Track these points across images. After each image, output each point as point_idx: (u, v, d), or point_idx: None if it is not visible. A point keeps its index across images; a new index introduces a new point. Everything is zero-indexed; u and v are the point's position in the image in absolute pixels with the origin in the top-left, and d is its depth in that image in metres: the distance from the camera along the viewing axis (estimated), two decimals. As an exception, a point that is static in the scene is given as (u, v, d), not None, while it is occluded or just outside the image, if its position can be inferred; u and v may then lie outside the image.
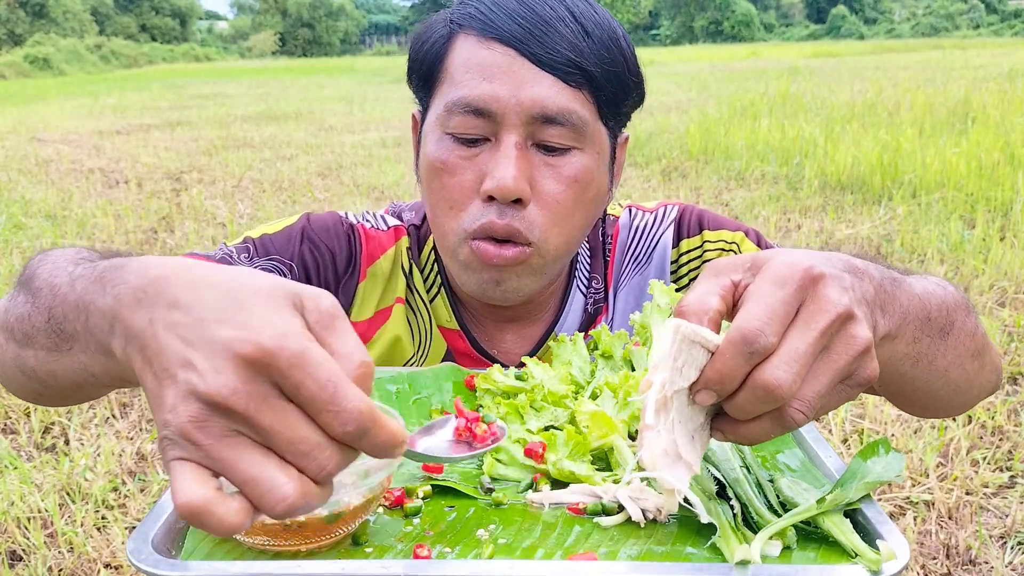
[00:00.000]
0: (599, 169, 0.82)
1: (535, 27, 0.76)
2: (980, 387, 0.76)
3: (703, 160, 6.70)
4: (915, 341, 0.60)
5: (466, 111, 0.77)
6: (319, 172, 6.90)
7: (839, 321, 0.49)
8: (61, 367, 0.58)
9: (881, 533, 0.55)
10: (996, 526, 2.01)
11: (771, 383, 0.47)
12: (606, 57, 0.79)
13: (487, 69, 0.77)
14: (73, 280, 0.55)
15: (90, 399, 0.68)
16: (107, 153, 8.15)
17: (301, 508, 0.43)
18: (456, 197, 0.80)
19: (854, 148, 6.10)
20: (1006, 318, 3.16)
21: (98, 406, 2.71)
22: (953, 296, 0.68)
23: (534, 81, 0.76)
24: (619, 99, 0.82)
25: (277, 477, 0.42)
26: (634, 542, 0.57)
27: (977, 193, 4.93)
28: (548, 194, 0.79)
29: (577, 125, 0.78)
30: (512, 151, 0.77)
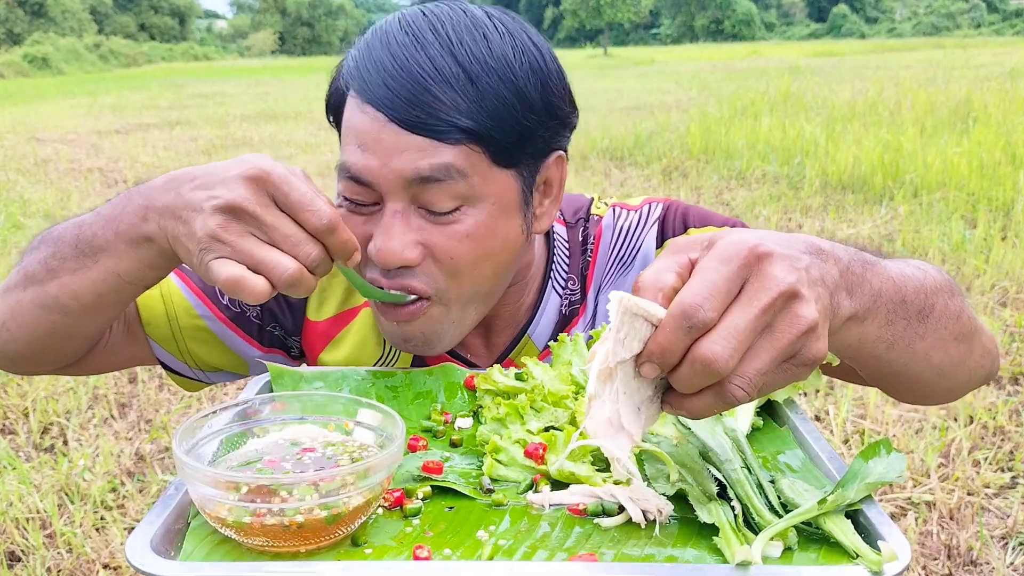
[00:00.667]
0: (499, 219, 0.78)
1: (403, 89, 0.73)
2: (969, 372, 0.75)
3: (704, 159, 6.70)
4: (889, 323, 0.60)
5: (348, 178, 0.77)
6: (318, 172, 6.90)
7: (782, 299, 0.49)
8: (87, 281, 0.74)
9: (882, 534, 0.55)
10: (997, 527, 2.01)
11: (708, 357, 0.48)
12: (495, 106, 0.74)
13: (361, 136, 0.75)
14: (97, 212, 0.74)
15: (106, 316, 0.79)
16: (106, 152, 8.15)
17: (299, 281, 0.64)
18: (358, 259, 0.78)
19: (855, 148, 6.10)
20: (1007, 318, 3.16)
21: (97, 406, 2.71)
22: (934, 279, 0.67)
23: (404, 146, 0.74)
24: (518, 144, 0.77)
25: (282, 258, 0.64)
26: (634, 543, 0.57)
27: (978, 193, 4.93)
28: (442, 251, 0.77)
29: (458, 180, 0.74)
30: (392, 220, 0.75)
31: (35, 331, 0.80)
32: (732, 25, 55.52)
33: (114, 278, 0.72)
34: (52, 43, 30.08)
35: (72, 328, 0.79)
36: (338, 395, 0.68)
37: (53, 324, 0.78)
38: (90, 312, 0.77)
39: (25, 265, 0.79)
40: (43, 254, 0.77)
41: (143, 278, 0.73)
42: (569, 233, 0.94)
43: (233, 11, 70.46)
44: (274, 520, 0.54)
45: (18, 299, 0.79)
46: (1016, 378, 2.75)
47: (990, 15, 50.11)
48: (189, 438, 0.61)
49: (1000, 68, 13.18)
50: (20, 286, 0.79)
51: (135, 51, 36.70)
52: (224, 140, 8.83)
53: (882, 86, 10.52)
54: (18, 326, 0.80)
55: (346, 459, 0.62)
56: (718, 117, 8.16)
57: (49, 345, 0.82)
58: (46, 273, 0.76)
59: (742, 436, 0.65)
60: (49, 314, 0.77)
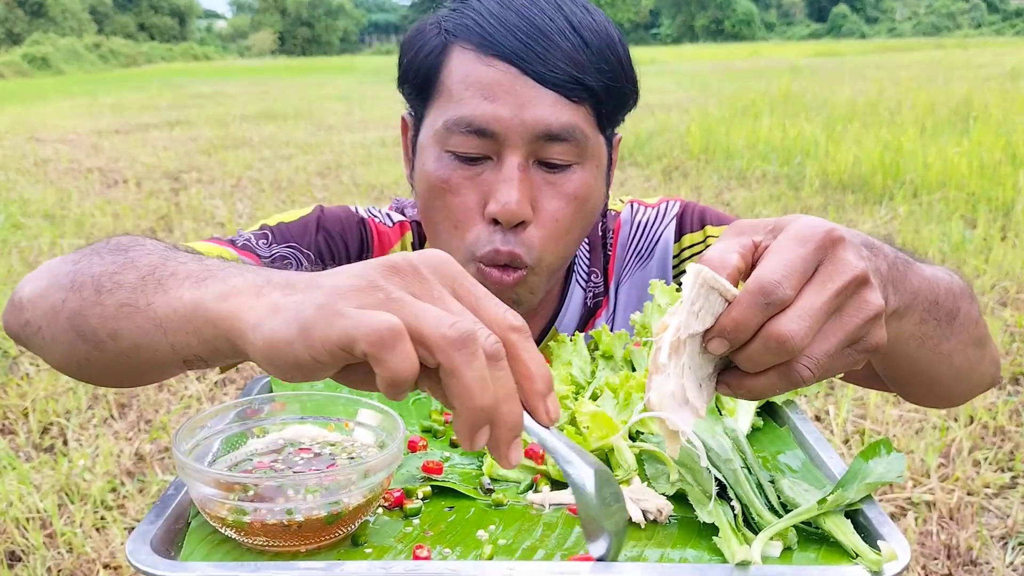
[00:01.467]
0: (598, 181, 0.82)
1: (536, 43, 0.75)
2: (980, 377, 0.76)
3: (704, 159, 6.70)
4: (922, 322, 0.62)
5: (468, 131, 0.76)
6: (318, 171, 6.90)
7: (855, 284, 0.50)
8: (131, 324, 0.56)
9: (882, 534, 0.55)
10: (997, 527, 2.01)
11: (784, 334, 0.48)
12: (605, 69, 0.78)
13: (488, 88, 0.75)
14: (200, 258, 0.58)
15: (138, 375, 0.63)
16: (105, 152, 8.15)
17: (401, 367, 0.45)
18: (460, 217, 0.79)
19: (855, 147, 6.09)
20: (1008, 318, 3.16)
21: (97, 407, 2.71)
22: (959, 284, 0.69)
23: (537, 99, 0.75)
24: (618, 108, 0.81)
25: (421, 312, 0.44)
26: (635, 543, 0.57)
27: (978, 193, 4.93)
28: (548, 212, 0.79)
29: (579, 140, 0.78)
30: (515, 173, 0.76)
31: (68, 356, 0.65)
32: (732, 25, 55.54)
33: (159, 332, 0.55)
34: (52, 43, 30.07)
35: (107, 367, 0.63)
36: (338, 395, 0.68)
37: (84, 357, 0.63)
38: (124, 359, 0.60)
39: (82, 264, 0.63)
40: (107, 264, 0.61)
41: (187, 345, 0.53)
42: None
43: (233, 11, 70.50)
44: (274, 520, 0.54)
45: (55, 308, 0.63)
46: (1016, 378, 2.75)
47: (990, 15, 50.12)
48: (189, 438, 0.61)
49: (1000, 68, 13.18)
50: (64, 290, 0.63)
51: (135, 51, 36.69)
52: (224, 140, 8.83)
53: (882, 86, 10.52)
54: (52, 339, 0.64)
55: (345, 459, 0.62)
56: (718, 117, 8.16)
57: (83, 374, 0.67)
58: (94, 291, 0.60)
59: (742, 436, 0.65)
60: (83, 344, 0.62)
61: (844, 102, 8.94)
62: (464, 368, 0.43)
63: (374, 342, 0.42)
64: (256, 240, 0.87)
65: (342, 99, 13.67)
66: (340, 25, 59.31)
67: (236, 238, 0.87)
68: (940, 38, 39.01)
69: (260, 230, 0.89)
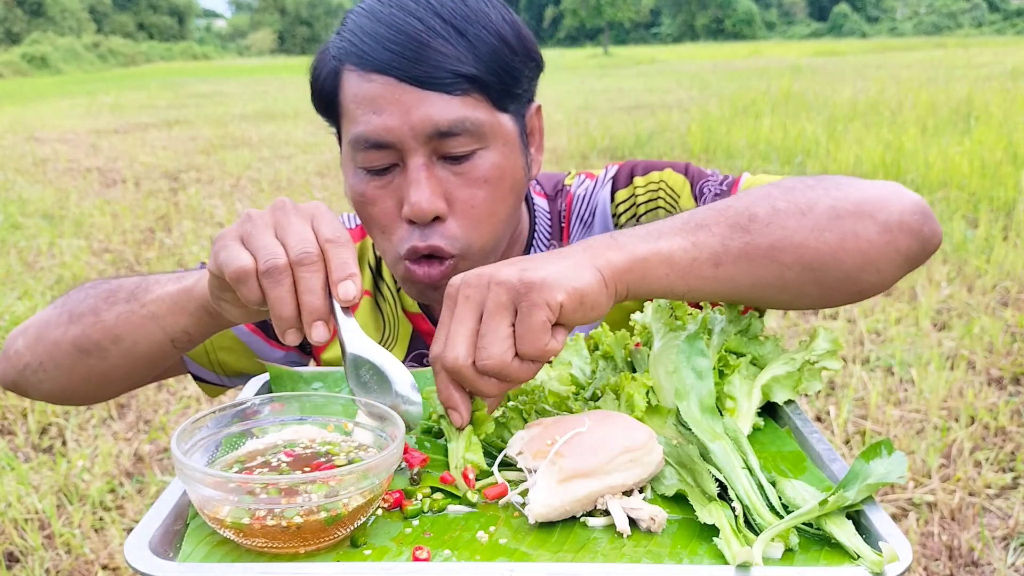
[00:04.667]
0: (510, 157, 0.84)
1: (407, 50, 0.77)
2: (863, 254, 0.72)
3: (704, 159, 6.70)
4: (693, 247, 0.68)
5: (367, 147, 0.80)
6: (317, 171, 6.90)
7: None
8: (129, 326, 0.77)
9: (883, 535, 0.54)
10: (999, 527, 2.01)
11: None
12: (486, 52, 0.80)
13: (374, 102, 0.79)
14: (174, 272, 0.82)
15: (131, 371, 0.82)
16: (104, 152, 8.15)
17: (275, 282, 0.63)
18: (383, 223, 0.83)
19: (856, 147, 6.10)
20: (1009, 318, 3.16)
21: (95, 407, 2.70)
22: (762, 191, 0.73)
23: (419, 102, 0.78)
24: (511, 85, 0.83)
25: (276, 253, 0.64)
26: (635, 544, 0.56)
27: (980, 192, 4.93)
28: (463, 201, 0.81)
29: (473, 130, 0.80)
30: (420, 173, 0.79)
31: (71, 375, 0.82)
32: (733, 24, 55.52)
33: (157, 328, 0.75)
34: (51, 42, 30.07)
35: (106, 375, 0.82)
36: (337, 395, 0.68)
37: (89, 368, 0.81)
38: (125, 360, 0.80)
39: (71, 306, 0.82)
40: (93, 298, 0.80)
41: (182, 336, 0.77)
42: (550, 206, 0.99)
43: (232, 10, 70.48)
44: (273, 521, 0.53)
45: (54, 341, 0.81)
46: (1017, 378, 2.75)
47: (991, 14, 50.11)
48: (188, 439, 0.60)
49: (1001, 67, 13.18)
50: (59, 325, 0.82)
51: (134, 50, 36.68)
52: (223, 139, 8.83)
53: (883, 85, 10.52)
54: (55, 367, 0.82)
55: (343, 459, 0.62)
56: (719, 116, 8.16)
57: (82, 389, 0.85)
58: (92, 315, 0.79)
59: (743, 437, 0.65)
60: (87, 358, 0.80)
61: (845, 101, 8.94)
62: (268, 291, 0.62)
63: (232, 278, 0.63)
64: None
65: (342, 99, 13.64)
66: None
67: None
68: (941, 37, 39.01)
69: None
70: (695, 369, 0.68)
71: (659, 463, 0.62)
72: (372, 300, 0.98)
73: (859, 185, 0.74)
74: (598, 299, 0.64)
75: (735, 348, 0.75)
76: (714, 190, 0.92)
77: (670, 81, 14.79)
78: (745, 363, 0.73)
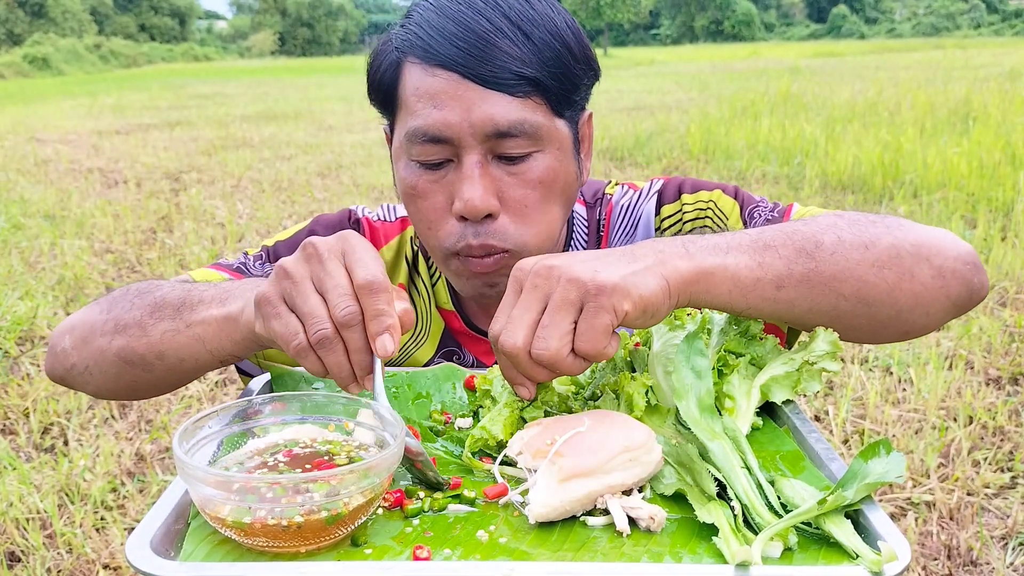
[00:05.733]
0: (563, 161, 0.85)
1: (473, 48, 0.78)
2: (915, 296, 0.74)
3: (704, 160, 6.70)
4: (759, 266, 0.69)
5: (424, 140, 0.81)
6: (319, 172, 6.90)
7: None
8: (174, 345, 0.77)
9: (882, 534, 0.55)
10: (997, 527, 2.01)
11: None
12: (549, 57, 0.81)
13: (436, 97, 0.80)
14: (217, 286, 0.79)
15: (179, 381, 0.83)
16: (106, 153, 8.15)
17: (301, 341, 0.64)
18: (432, 218, 0.84)
19: (855, 148, 6.10)
20: (1007, 318, 3.16)
21: (97, 407, 2.71)
22: (827, 220, 0.74)
23: (481, 101, 0.79)
24: (570, 92, 0.84)
25: (317, 309, 0.64)
26: (634, 543, 0.57)
27: (978, 193, 4.93)
28: (516, 201, 0.82)
29: (531, 132, 0.81)
30: (475, 170, 0.80)
31: (119, 380, 0.83)
32: (732, 26, 55.51)
33: (199, 343, 0.75)
34: (52, 44, 30.06)
35: (154, 382, 0.83)
36: (338, 395, 0.68)
37: (135, 378, 0.82)
38: (169, 373, 0.80)
39: (119, 315, 0.81)
40: (140, 309, 0.80)
41: (223, 349, 0.76)
42: (588, 213, 1.00)
43: (233, 12, 70.48)
44: (274, 520, 0.54)
45: (101, 348, 0.81)
46: (1016, 378, 2.75)
47: (990, 15, 50.10)
48: (189, 438, 0.61)
49: (1000, 68, 13.18)
50: (107, 334, 0.81)
51: (135, 52, 36.68)
52: (224, 141, 8.83)
53: (882, 86, 10.52)
54: (101, 372, 0.83)
55: (344, 459, 0.62)
56: (718, 117, 8.16)
57: (128, 393, 0.86)
58: (138, 329, 0.79)
59: (742, 436, 0.65)
60: (133, 369, 0.80)
61: (844, 102, 8.94)
62: (324, 359, 0.64)
63: (292, 354, 0.64)
64: (253, 261, 0.97)
65: (342, 100, 13.67)
66: (340, 26, 59.32)
67: (234, 262, 0.97)
68: (939, 39, 39.00)
69: (260, 251, 0.99)
70: (694, 369, 0.68)
71: (658, 462, 0.62)
72: (406, 294, 0.99)
73: (917, 228, 0.77)
74: (660, 307, 0.65)
75: (734, 348, 0.76)
76: (765, 215, 0.93)
77: (669, 82, 14.79)
78: (744, 363, 0.73)
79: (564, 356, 0.63)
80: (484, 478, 0.66)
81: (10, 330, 3.28)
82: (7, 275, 3.99)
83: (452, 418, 0.77)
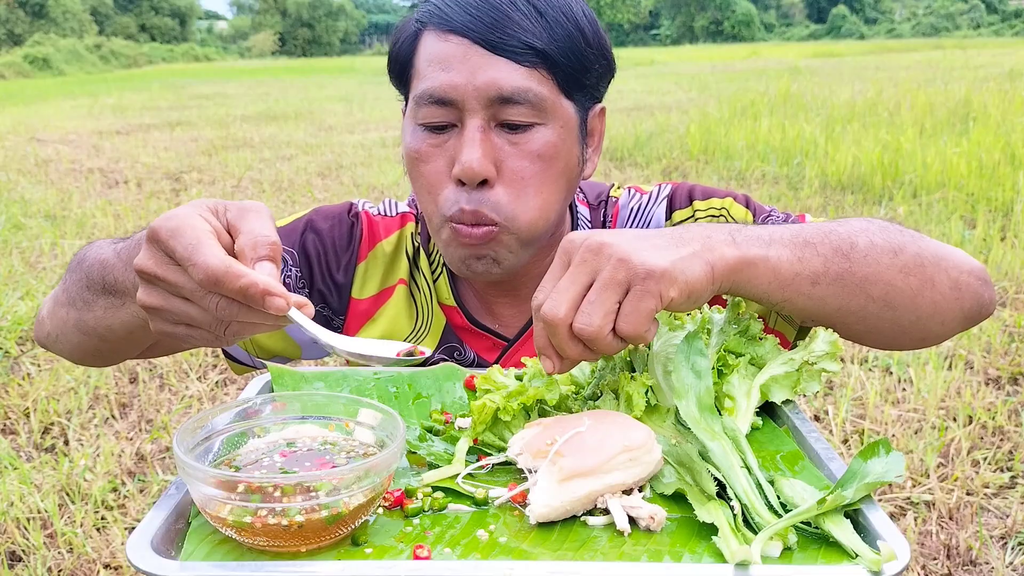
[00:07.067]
0: (566, 142, 0.86)
1: (486, 15, 0.81)
2: (935, 305, 0.79)
3: (703, 160, 6.70)
4: (798, 260, 0.71)
5: (431, 102, 0.83)
6: (319, 172, 6.91)
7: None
8: (117, 320, 0.79)
9: (881, 534, 0.55)
10: (997, 526, 2.01)
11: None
12: (561, 35, 0.83)
13: (445, 60, 0.82)
14: (118, 254, 0.77)
15: (141, 346, 0.86)
16: (106, 153, 8.15)
17: (222, 330, 0.63)
18: (432, 182, 0.86)
19: (855, 148, 6.09)
20: (1007, 318, 3.16)
21: (98, 407, 2.71)
22: (859, 224, 0.77)
23: (488, 66, 0.81)
24: (579, 73, 0.85)
25: (202, 315, 0.62)
26: (634, 542, 0.57)
27: (978, 193, 4.93)
28: (513, 171, 0.83)
29: (535, 102, 0.82)
30: (475, 134, 0.82)
31: (82, 349, 0.87)
32: (732, 26, 55.52)
33: (141, 320, 0.77)
34: (53, 44, 30.06)
35: (114, 350, 0.86)
36: (338, 395, 0.68)
37: (96, 347, 0.85)
38: (126, 342, 0.83)
39: (68, 287, 0.85)
40: (79, 283, 0.82)
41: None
42: (592, 214, 1.01)
43: (233, 12, 70.48)
44: (275, 520, 0.54)
45: (63, 319, 0.85)
46: (1015, 378, 2.76)
47: (989, 16, 50.10)
48: (190, 438, 0.61)
49: (999, 69, 13.18)
50: (64, 305, 0.85)
51: (136, 52, 36.68)
52: (224, 141, 8.83)
53: (881, 87, 10.52)
54: (66, 341, 0.87)
55: (344, 458, 0.62)
56: (718, 118, 8.16)
57: (98, 358, 0.89)
58: (83, 304, 0.82)
59: (741, 436, 0.65)
60: (90, 339, 0.84)
61: (843, 103, 8.94)
62: (244, 333, 0.65)
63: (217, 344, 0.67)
64: None
65: (343, 100, 13.67)
66: (341, 26, 59.31)
67: None
68: (939, 39, 39.00)
69: None
70: (694, 368, 0.68)
71: (658, 462, 0.62)
72: (407, 289, 0.99)
73: (934, 241, 0.82)
74: (703, 293, 0.67)
75: (734, 348, 0.76)
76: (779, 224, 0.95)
77: (669, 82, 14.79)
78: (744, 363, 0.74)
79: (605, 335, 0.64)
80: (484, 480, 0.66)
81: (10, 330, 3.28)
82: (8, 275, 3.99)
83: (452, 418, 0.77)
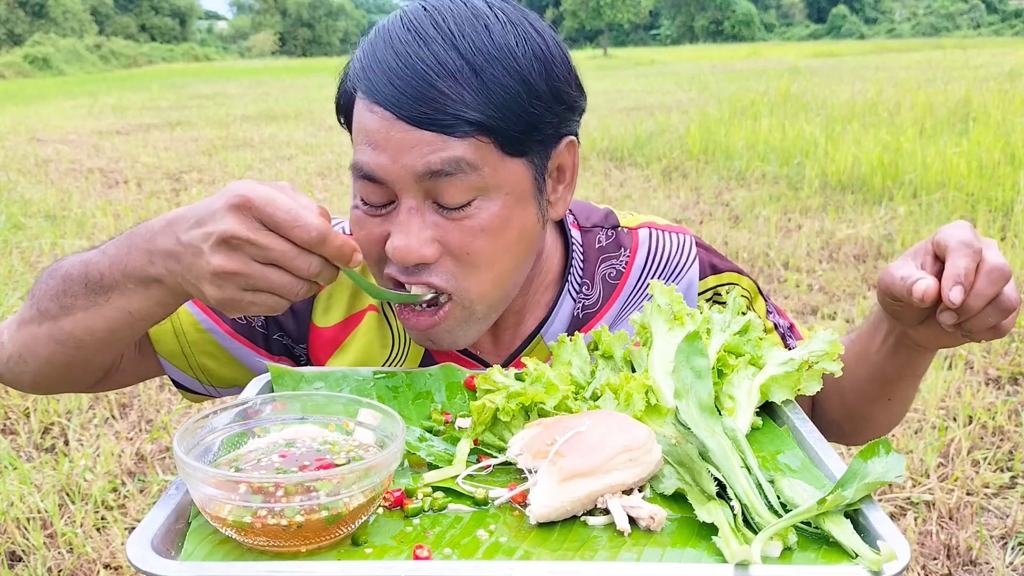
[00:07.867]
0: (514, 209, 0.78)
1: (409, 87, 0.73)
2: (902, 415, 0.97)
3: (703, 160, 6.70)
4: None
5: (362, 177, 0.77)
6: (319, 172, 6.91)
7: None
8: (100, 319, 0.77)
9: (881, 534, 0.55)
10: (997, 526, 2.01)
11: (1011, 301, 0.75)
12: (499, 97, 0.74)
13: (371, 136, 0.76)
14: (102, 251, 0.77)
15: (120, 347, 0.83)
16: (106, 153, 8.16)
17: (307, 293, 0.69)
18: (366, 250, 0.80)
19: (855, 148, 6.10)
20: (1006, 318, 3.16)
21: (98, 406, 2.71)
22: None
23: (414, 142, 0.74)
24: (525, 133, 0.77)
25: (282, 278, 0.67)
26: (634, 542, 0.57)
27: (978, 193, 4.93)
28: (458, 247, 0.77)
29: (470, 173, 0.75)
30: (408, 216, 0.76)
31: (51, 363, 0.83)
32: (732, 26, 55.53)
33: (125, 315, 0.76)
34: (53, 44, 30.07)
35: (87, 360, 0.83)
36: (338, 395, 0.68)
37: (69, 357, 0.82)
38: (104, 345, 0.81)
39: (37, 300, 0.82)
40: (54, 291, 0.80)
41: (153, 314, 0.76)
42: (584, 238, 0.95)
43: (233, 12, 70.48)
44: (275, 520, 0.54)
45: (33, 334, 0.82)
46: (1015, 378, 2.76)
47: (989, 16, 50.10)
48: (190, 438, 0.61)
49: (999, 69, 13.18)
50: (35, 321, 0.82)
51: (136, 52, 36.70)
52: (225, 141, 8.83)
53: (881, 87, 10.52)
54: (34, 358, 0.84)
55: (344, 458, 0.62)
56: (718, 118, 8.16)
57: (65, 375, 0.86)
58: (60, 310, 0.79)
59: (741, 436, 0.65)
60: (64, 348, 0.81)
61: (843, 103, 8.94)
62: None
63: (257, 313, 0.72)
64: None
65: (342, 100, 13.64)
66: (340, 26, 59.32)
67: None
68: (939, 39, 39.00)
69: None
70: (694, 369, 0.68)
71: (658, 462, 0.62)
72: (381, 315, 0.94)
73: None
74: None
75: (734, 348, 0.76)
76: (782, 330, 1.00)
77: (669, 82, 14.80)
78: (744, 363, 0.74)
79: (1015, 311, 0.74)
80: (485, 478, 0.66)
81: (10, 330, 3.28)
82: (7, 275, 3.99)
83: (452, 418, 0.77)
